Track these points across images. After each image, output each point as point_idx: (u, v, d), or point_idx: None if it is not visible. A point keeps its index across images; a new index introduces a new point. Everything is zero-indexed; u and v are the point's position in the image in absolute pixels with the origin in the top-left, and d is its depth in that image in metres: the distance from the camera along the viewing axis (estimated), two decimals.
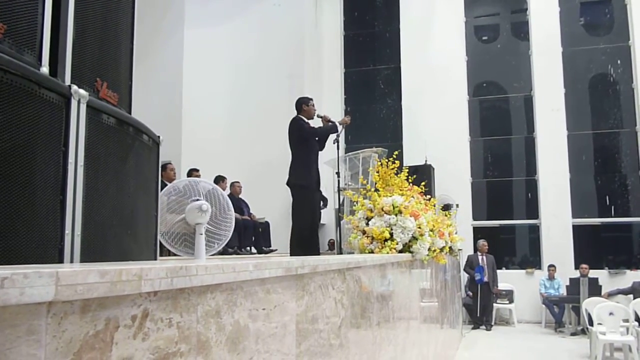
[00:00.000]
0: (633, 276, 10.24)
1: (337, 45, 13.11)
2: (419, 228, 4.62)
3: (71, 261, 1.77)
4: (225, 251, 6.79)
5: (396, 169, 5.22)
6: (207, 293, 1.31)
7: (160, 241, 2.64)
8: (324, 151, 5.92)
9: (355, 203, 4.93)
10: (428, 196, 5.79)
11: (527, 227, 11.91)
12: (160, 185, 2.61)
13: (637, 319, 7.29)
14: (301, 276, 1.98)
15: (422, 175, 8.38)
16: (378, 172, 5.21)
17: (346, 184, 6.39)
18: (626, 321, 7.18)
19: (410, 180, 5.32)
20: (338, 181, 5.74)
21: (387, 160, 5.26)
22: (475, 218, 11.92)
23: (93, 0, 2.16)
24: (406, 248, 4.56)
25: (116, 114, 2.11)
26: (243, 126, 10.74)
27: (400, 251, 4.46)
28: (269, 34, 11.21)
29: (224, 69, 10.96)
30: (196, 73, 10.52)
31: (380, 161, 5.41)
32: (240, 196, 8.69)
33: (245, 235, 7.82)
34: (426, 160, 10.73)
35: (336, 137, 5.66)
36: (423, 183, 5.72)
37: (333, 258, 2.67)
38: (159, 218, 2.57)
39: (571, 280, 9.99)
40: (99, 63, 2.18)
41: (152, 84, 9.58)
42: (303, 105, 5.67)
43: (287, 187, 5.58)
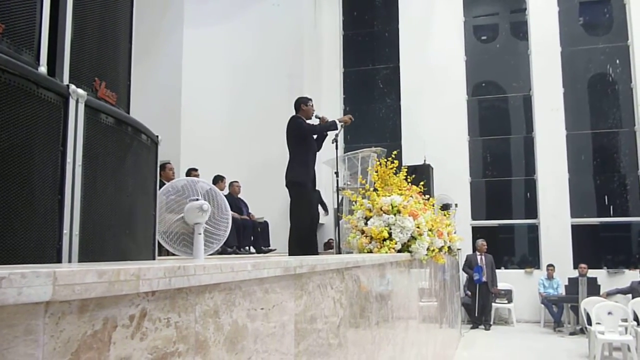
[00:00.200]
0: (632, 276, 10.24)
1: (336, 45, 13.11)
2: (418, 228, 4.62)
3: (69, 261, 1.77)
4: (224, 251, 6.79)
5: (395, 169, 5.22)
6: (206, 293, 1.31)
7: (158, 241, 2.64)
8: (323, 151, 5.92)
9: (354, 203, 4.93)
10: (427, 196, 5.79)
11: (526, 227, 11.92)
12: (158, 185, 2.61)
13: (636, 319, 7.30)
14: (300, 276, 1.97)
15: (421, 174, 8.38)
16: (377, 172, 5.21)
17: (345, 184, 6.39)
18: (625, 321, 7.19)
19: (409, 179, 5.33)
20: (337, 181, 5.74)
21: (386, 159, 5.26)
22: (474, 218, 11.92)
23: None
24: (405, 248, 4.56)
25: (114, 114, 2.11)
26: (242, 126, 10.74)
27: (399, 251, 4.46)
28: (268, 34, 11.20)
29: (223, 69, 10.95)
30: (195, 73, 10.51)
31: (379, 161, 5.41)
32: (239, 196, 8.69)
33: (244, 235, 7.82)
34: (425, 159, 10.73)
35: (335, 137, 5.67)
36: (422, 183, 5.72)
37: (332, 258, 2.67)
38: (158, 217, 2.57)
39: (570, 279, 9.99)
40: (98, 62, 2.18)
41: (151, 84, 9.57)
42: (302, 105, 5.68)
43: (286, 188, 5.58)
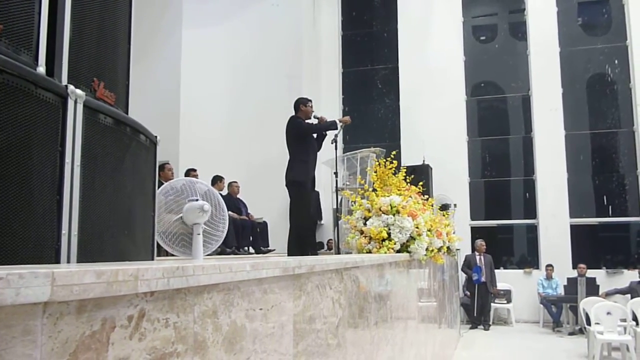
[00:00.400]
0: (630, 276, 10.25)
1: (335, 45, 13.11)
2: (417, 228, 4.63)
3: (68, 261, 1.77)
4: (223, 251, 6.79)
5: (394, 169, 5.23)
6: (204, 293, 1.31)
7: (157, 241, 2.64)
8: (322, 151, 5.92)
9: (353, 203, 4.93)
10: (426, 196, 5.79)
11: (525, 227, 11.93)
12: (157, 185, 2.61)
13: (635, 319, 7.30)
14: (298, 276, 1.97)
15: (420, 175, 8.38)
16: (376, 172, 5.22)
17: (344, 184, 6.39)
18: (624, 321, 7.19)
19: (408, 180, 5.33)
20: (336, 181, 5.74)
21: (385, 160, 5.27)
22: (473, 218, 11.93)
23: None
24: (404, 248, 4.56)
25: (113, 114, 2.10)
26: (241, 126, 10.74)
27: (398, 251, 4.46)
28: (267, 34, 11.20)
29: (222, 69, 10.95)
30: (194, 73, 10.52)
31: (378, 161, 5.42)
32: (238, 196, 8.69)
33: (243, 235, 7.81)
34: (424, 160, 10.73)
35: (334, 137, 5.67)
36: (421, 183, 5.72)
37: (330, 258, 2.67)
38: (156, 218, 2.57)
39: (569, 280, 10.00)
40: (96, 63, 2.18)
41: (150, 84, 9.57)
42: (301, 105, 5.69)
43: (285, 188, 5.58)
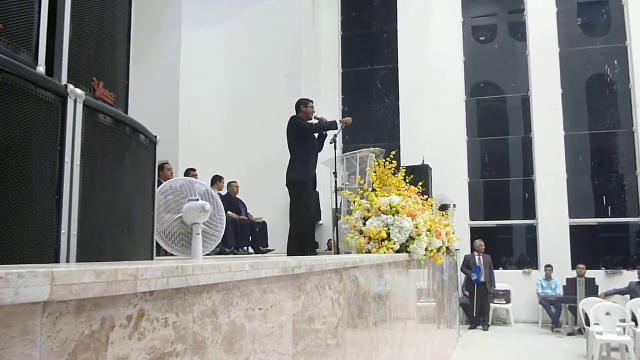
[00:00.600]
0: (630, 276, 10.25)
1: (335, 45, 13.11)
2: (416, 228, 4.63)
3: (67, 261, 1.76)
4: (222, 251, 6.80)
5: (393, 169, 5.23)
6: (204, 293, 1.30)
7: (157, 241, 2.64)
8: (322, 151, 5.92)
9: (352, 203, 4.93)
10: (425, 196, 5.79)
11: (525, 228, 11.93)
12: (157, 185, 2.61)
13: (634, 319, 7.31)
14: (298, 276, 1.97)
15: (420, 175, 8.38)
16: (375, 173, 5.22)
17: (344, 184, 6.39)
18: (623, 321, 7.20)
19: (407, 180, 5.33)
20: (335, 181, 5.74)
21: (385, 160, 5.27)
22: (472, 218, 11.93)
23: None
24: (403, 248, 4.56)
25: (113, 114, 2.10)
26: (241, 126, 10.74)
27: (397, 251, 4.46)
28: (267, 34, 11.20)
29: (222, 69, 10.95)
30: (194, 73, 10.52)
31: (377, 161, 5.41)
32: (237, 196, 8.69)
33: (242, 235, 7.81)
34: (423, 160, 10.73)
35: (333, 137, 5.67)
36: (420, 183, 5.72)
37: (330, 258, 2.67)
38: (156, 217, 2.57)
39: (568, 280, 10.01)
40: (96, 63, 2.18)
41: (150, 84, 9.57)
42: (302, 106, 5.70)
43: (286, 188, 5.58)
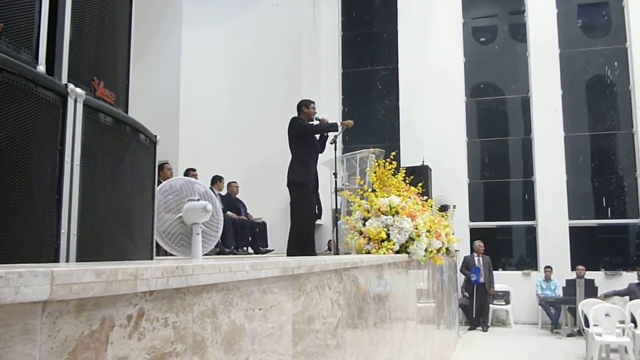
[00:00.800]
0: (629, 278, 10.25)
1: (335, 45, 13.11)
2: (416, 229, 4.63)
3: (67, 260, 1.76)
4: (222, 251, 6.79)
5: (393, 170, 5.23)
6: (203, 293, 1.30)
7: (157, 241, 2.63)
8: (323, 152, 5.90)
9: (352, 204, 4.93)
10: (425, 197, 5.79)
11: (524, 229, 11.93)
12: (157, 185, 2.61)
13: (633, 321, 7.31)
14: (298, 276, 1.97)
15: (419, 176, 8.38)
16: (375, 173, 5.22)
17: (343, 185, 6.39)
18: (622, 322, 7.20)
19: (407, 181, 5.34)
20: (335, 182, 5.74)
21: (385, 161, 5.27)
22: (472, 219, 11.93)
23: None
24: (403, 249, 4.56)
25: (113, 113, 2.10)
26: (241, 126, 10.74)
27: (397, 252, 4.46)
28: (267, 34, 11.21)
29: (222, 69, 10.95)
30: (194, 73, 10.52)
31: (377, 162, 5.41)
32: (237, 196, 8.68)
33: (242, 235, 7.81)
34: (423, 161, 10.72)
35: (333, 138, 5.66)
36: (420, 184, 5.73)
37: (330, 258, 2.67)
38: (156, 217, 2.57)
39: (567, 281, 10.01)
40: (96, 62, 2.18)
41: (150, 84, 9.57)
42: (303, 107, 5.70)
43: (286, 188, 5.58)
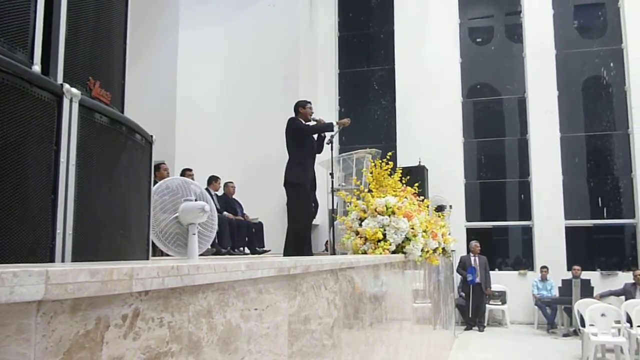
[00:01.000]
0: (625, 278, 10.29)
1: (332, 46, 13.11)
2: (412, 229, 4.63)
3: (62, 260, 1.76)
4: (218, 251, 6.79)
5: (390, 170, 5.24)
6: (199, 293, 1.30)
7: (153, 241, 2.63)
8: (321, 153, 5.89)
9: (348, 204, 4.93)
10: (421, 197, 5.80)
11: (520, 229, 11.96)
12: (153, 185, 2.61)
13: (629, 321, 7.33)
14: (294, 276, 1.97)
15: (416, 176, 8.38)
16: (372, 173, 5.22)
17: (340, 185, 6.40)
18: (618, 322, 7.22)
19: (403, 181, 5.34)
20: (332, 182, 5.74)
21: (381, 161, 5.27)
22: (468, 219, 11.94)
23: None
24: (399, 249, 4.56)
25: (109, 113, 2.10)
26: (237, 126, 10.74)
27: (393, 252, 4.47)
28: (264, 35, 11.20)
29: (219, 69, 10.94)
30: (191, 73, 10.50)
31: (374, 162, 5.42)
32: (234, 196, 8.68)
33: (238, 235, 7.80)
34: (420, 161, 10.73)
35: (330, 138, 5.67)
36: (416, 184, 5.73)
37: (326, 258, 2.67)
38: (152, 217, 2.57)
39: (563, 281, 10.03)
40: (92, 62, 2.17)
41: (147, 84, 9.56)
42: (300, 107, 5.71)
43: (282, 188, 5.58)
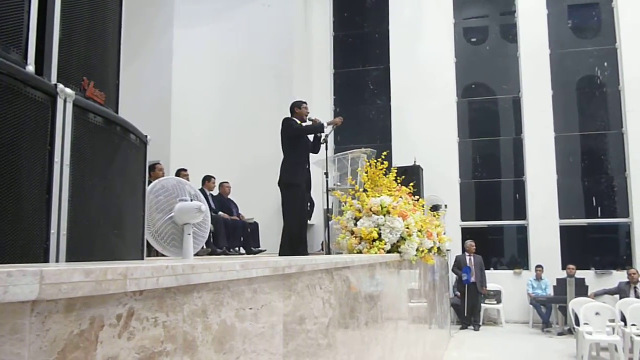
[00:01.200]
0: (619, 276, 10.33)
1: (327, 45, 13.11)
2: (407, 228, 4.64)
3: (57, 261, 1.76)
4: (214, 251, 6.78)
5: (385, 170, 5.25)
6: (194, 292, 1.30)
7: (148, 240, 2.63)
8: (318, 153, 5.88)
9: (343, 203, 4.94)
10: (416, 197, 5.81)
11: (515, 228, 11.99)
12: (148, 185, 2.60)
13: (623, 319, 7.36)
14: (288, 276, 1.98)
15: (411, 176, 8.40)
16: (367, 173, 5.23)
17: (335, 185, 6.40)
18: (612, 321, 7.25)
19: (398, 180, 5.35)
20: (327, 182, 5.74)
21: (376, 160, 5.28)
22: (463, 219, 11.97)
23: None
24: (394, 248, 4.57)
25: (103, 113, 2.10)
26: (232, 126, 10.72)
27: (388, 251, 4.47)
28: (259, 34, 11.18)
29: (214, 69, 10.92)
30: (186, 73, 10.48)
31: (369, 162, 5.43)
32: (229, 196, 8.67)
33: (234, 235, 7.79)
34: (415, 161, 10.75)
35: (324, 138, 5.66)
36: (411, 184, 5.75)
37: (321, 258, 2.67)
38: (147, 217, 2.56)
39: (558, 280, 10.06)
40: (86, 62, 2.17)
41: (141, 84, 9.54)
42: (295, 107, 5.71)
43: (277, 188, 5.58)
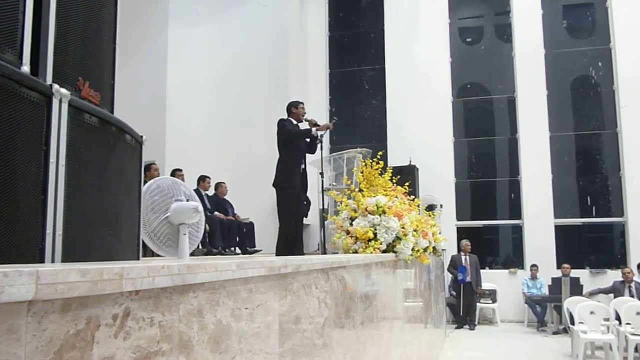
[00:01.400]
0: (614, 276, 10.37)
1: (322, 45, 13.12)
2: (403, 228, 4.65)
3: (52, 261, 1.76)
4: (209, 251, 6.78)
5: (380, 170, 5.26)
6: (190, 292, 1.31)
7: (143, 241, 2.63)
8: (314, 154, 5.86)
9: (339, 203, 4.95)
10: (412, 197, 5.82)
11: (510, 228, 12.02)
12: (143, 185, 2.60)
13: (618, 318, 7.39)
14: (284, 276, 1.98)
15: (406, 175, 8.40)
16: (362, 173, 5.24)
17: (330, 185, 6.41)
18: (607, 320, 7.28)
19: (394, 180, 5.36)
20: (322, 181, 5.75)
21: (372, 160, 5.29)
22: (459, 218, 11.99)
23: None
24: (390, 248, 4.58)
25: (98, 114, 2.10)
26: (228, 126, 10.71)
27: (384, 251, 4.48)
28: (254, 34, 11.18)
29: (209, 69, 10.91)
30: (181, 73, 10.46)
31: (364, 161, 5.44)
32: (224, 197, 8.66)
33: (229, 235, 7.79)
34: (410, 160, 10.76)
35: (319, 138, 5.65)
36: (407, 183, 5.76)
37: (316, 258, 2.68)
38: (143, 217, 2.56)
39: (553, 279, 10.10)
40: (81, 62, 2.17)
41: (137, 84, 9.51)
42: (292, 108, 5.70)
43: (272, 188, 5.58)
